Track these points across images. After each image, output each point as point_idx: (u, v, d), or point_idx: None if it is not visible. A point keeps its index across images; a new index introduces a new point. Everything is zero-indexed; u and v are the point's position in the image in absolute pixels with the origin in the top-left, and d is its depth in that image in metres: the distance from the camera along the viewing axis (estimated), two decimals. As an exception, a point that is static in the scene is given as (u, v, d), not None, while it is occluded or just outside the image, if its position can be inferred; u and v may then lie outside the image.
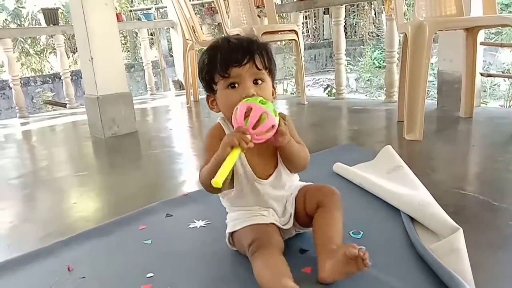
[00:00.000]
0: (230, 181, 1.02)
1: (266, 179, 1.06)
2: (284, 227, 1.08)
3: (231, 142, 0.89)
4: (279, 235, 1.04)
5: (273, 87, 1.06)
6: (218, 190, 1.01)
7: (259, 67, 0.99)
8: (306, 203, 1.06)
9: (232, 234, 1.08)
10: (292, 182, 1.11)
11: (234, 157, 0.89)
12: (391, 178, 1.49)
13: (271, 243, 0.96)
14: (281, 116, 0.97)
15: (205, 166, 1.00)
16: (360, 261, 0.87)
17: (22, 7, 9.34)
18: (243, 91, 0.97)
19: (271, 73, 1.04)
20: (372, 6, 10.71)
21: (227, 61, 0.97)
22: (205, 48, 4.00)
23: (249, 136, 0.89)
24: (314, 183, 1.14)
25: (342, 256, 0.88)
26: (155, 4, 9.41)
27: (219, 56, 0.99)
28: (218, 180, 0.85)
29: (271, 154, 1.06)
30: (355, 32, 11.24)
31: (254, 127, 0.90)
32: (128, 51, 10.09)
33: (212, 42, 1.06)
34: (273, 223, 1.05)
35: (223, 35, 1.08)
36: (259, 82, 1.00)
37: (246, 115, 0.91)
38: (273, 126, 0.92)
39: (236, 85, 0.99)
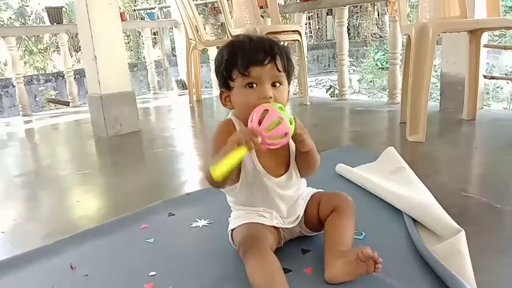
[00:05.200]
0: (236, 177, 1.02)
1: (276, 178, 1.05)
2: (288, 226, 1.08)
3: (238, 139, 0.88)
4: (272, 236, 1.03)
5: (289, 87, 1.05)
6: (222, 185, 1.01)
7: (279, 69, 0.98)
8: (321, 208, 1.07)
9: (232, 232, 1.08)
10: (300, 185, 1.11)
11: (239, 154, 0.87)
12: (394, 180, 1.49)
13: (261, 243, 0.96)
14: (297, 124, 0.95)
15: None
16: (372, 264, 0.88)
17: (26, 6, 9.36)
18: (261, 92, 0.96)
19: (289, 76, 1.03)
20: (376, 7, 10.70)
21: (248, 59, 0.96)
22: (208, 47, 3.96)
23: (259, 138, 0.88)
24: (327, 191, 1.15)
25: (354, 257, 0.90)
26: (158, 4, 9.42)
27: (241, 53, 0.97)
28: (216, 172, 0.83)
29: (284, 155, 1.05)
30: (358, 33, 11.24)
31: (266, 130, 0.89)
32: (131, 50, 10.10)
33: (233, 38, 1.05)
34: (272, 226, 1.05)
35: (237, 34, 1.05)
36: (277, 85, 0.99)
37: (262, 117, 0.90)
38: (286, 134, 0.91)
39: (255, 85, 0.97)
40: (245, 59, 0.96)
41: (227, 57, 1.00)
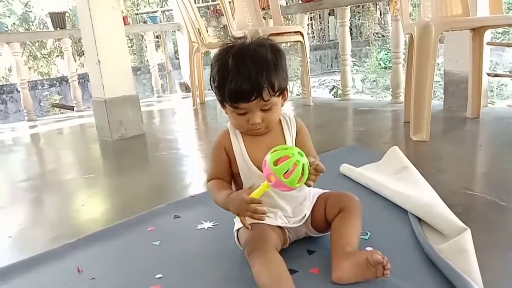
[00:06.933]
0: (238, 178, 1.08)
1: None
2: (293, 226, 1.08)
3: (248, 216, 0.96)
4: (277, 235, 1.03)
5: (286, 89, 1.05)
6: None
7: (266, 100, 0.98)
8: (328, 208, 1.08)
9: (238, 232, 1.09)
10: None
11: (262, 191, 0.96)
12: (398, 179, 1.49)
13: (266, 243, 0.97)
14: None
15: (215, 187, 1.07)
16: (381, 269, 0.88)
17: (30, 11, 9.42)
18: (250, 119, 1.00)
19: (282, 92, 1.02)
20: (378, 6, 10.69)
21: (236, 95, 0.97)
22: (211, 49, 3.92)
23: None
24: (333, 191, 1.15)
25: (363, 260, 0.90)
26: (161, 7, 9.45)
27: (228, 87, 0.96)
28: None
29: None
30: (361, 33, 11.22)
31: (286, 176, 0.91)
32: (135, 54, 10.14)
33: (222, 56, 1.00)
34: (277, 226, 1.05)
35: (232, 44, 1.02)
36: (267, 107, 1.00)
37: (275, 163, 0.91)
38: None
39: (244, 112, 1.00)
40: (232, 96, 0.97)
41: (216, 85, 1.01)
